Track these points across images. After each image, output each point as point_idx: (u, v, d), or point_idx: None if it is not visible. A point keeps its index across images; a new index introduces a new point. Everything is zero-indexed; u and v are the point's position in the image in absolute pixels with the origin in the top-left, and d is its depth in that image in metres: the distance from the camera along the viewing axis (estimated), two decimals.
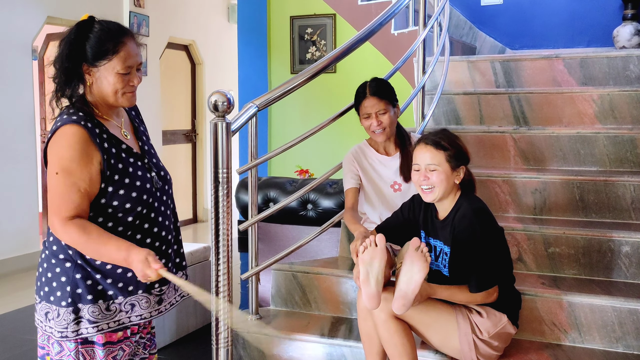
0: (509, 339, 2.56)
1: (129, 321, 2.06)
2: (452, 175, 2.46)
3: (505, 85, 4.22)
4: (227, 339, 2.40)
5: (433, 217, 2.58)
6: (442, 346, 2.53)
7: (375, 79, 2.98)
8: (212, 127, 2.36)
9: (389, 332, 2.42)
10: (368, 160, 3.03)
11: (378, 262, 2.30)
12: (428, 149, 2.46)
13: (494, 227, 2.46)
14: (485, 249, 2.39)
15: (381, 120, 2.89)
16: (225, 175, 2.36)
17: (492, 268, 2.41)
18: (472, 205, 2.44)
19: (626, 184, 3.18)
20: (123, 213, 2.00)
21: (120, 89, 2.01)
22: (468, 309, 2.49)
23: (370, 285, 2.31)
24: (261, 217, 2.99)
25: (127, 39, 2.02)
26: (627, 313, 2.66)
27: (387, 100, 2.91)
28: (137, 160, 2.08)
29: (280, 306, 3.24)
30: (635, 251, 2.91)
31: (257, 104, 2.76)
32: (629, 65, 3.97)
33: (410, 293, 2.27)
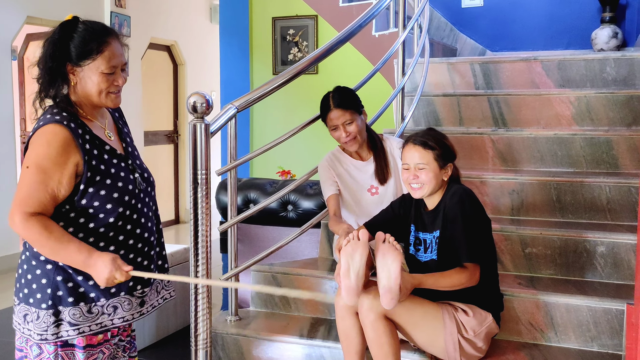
0: (490, 341, 2.58)
1: (111, 324, 2.05)
2: (441, 173, 2.53)
3: (484, 87, 4.25)
4: (207, 340, 2.39)
5: (422, 211, 2.62)
6: (428, 345, 2.54)
7: (337, 89, 2.98)
8: (191, 128, 2.36)
9: (377, 333, 2.43)
10: (343, 166, 3.04)
11: (359, 255, 2.32)
12: (416, 148, 2.52)
13: (482, 209, 2.54)
14: (474, 222, 2.45)
15: (349, 130, 2.90)
16: (204, 176, 2.35)
17: (479, 241, 2.46)
18: (462, 187, 2.54)
19: (602, 185, 3.22)
20: (104, 214, 2.00)
21: (104, 89, 2.01)
22: (454, 308, 2.51)
23: (350, 278, 2.32)
24: (240, 218, 2.99)
25: (112, 39, 2.02)
26: (601, 312, 2.70)
27: (352, 109, 2.90)
28: (120, 161, 2.07)
29: (259, 307, 3.24)
30: (610, 251, 2.95)
31: (236, 105, 2.74)
32: (606, 67, 4.02)
33: (394, 285, 2.28)
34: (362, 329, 2.49)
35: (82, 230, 1.99)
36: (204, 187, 2.35)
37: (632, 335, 2.32)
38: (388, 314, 2.43)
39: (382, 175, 2.97)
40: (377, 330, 2.42)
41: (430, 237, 2.56)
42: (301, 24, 6.11)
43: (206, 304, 2.39)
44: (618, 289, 2.83)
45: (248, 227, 3.93)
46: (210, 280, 2.31)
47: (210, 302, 2.42)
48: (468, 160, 3.70)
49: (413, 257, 2.64)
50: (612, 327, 2.69)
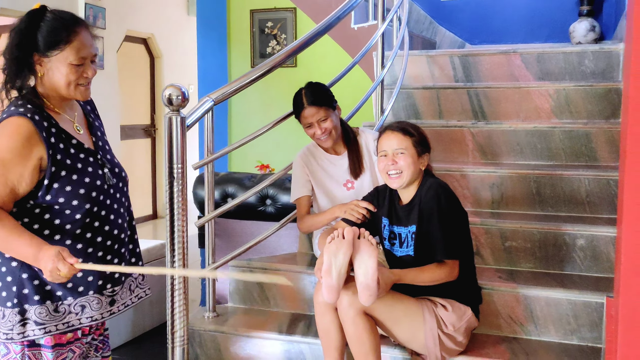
0: (470, 334, 2.57)
1: (79, 323, 2.00)
2: (418, 161, 2.51)
3: (464, 80, 4.24)
4: (184, 337, 2.38)
5: (396, 204, 2.59)
6: (408, 341, 2.52)
7: (309, 85, 2.93)
8: (167, 121, 2.33)
9: (357, 329, 2.41)
10: (318, 162, 3.00)
11: (343, 254, 2.30)
12: (395, 134, 2.52)
13: (458, 202, 2.53)
14: (450, 217, 2.43)
15: (324, 127, 2.86)
16: (180, 170, 2.33)
17: (457, 237, 2.44)
18: (437, 181, 2.52)
19: (581, 178, 3.22)
20: (71, 211, 1.94)
21: (73, 81, 1.96)
22: (434, 303, 2.49)
23: (332, 276, 2.30)
24: (218, 212, 2.96)
25: (81, 29, 1.96)
26: (581, 306, 2.70)
27: (326, 106, 2.86)
28: (88, 156, 2.02)
29: (238, 303, 3.20)
30: (590, 244, 2.95)
31: (213, 97, 2.73)
32: (584, 60, 4.03)
33: (371, 281, 2.26)
34: (342, 326, 2.47)
35: (47, 227, 1.93)
36: (180, 181, 2.33)
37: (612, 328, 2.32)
38: (368, 310, 2.41)
39: (355, 170, 2.94)
40: (357, 326, 2.40)
41: (405, 231, 2.54)
42: (279, 17, 6.07)
43: (183, 300, 2.37)
44: (597, 282, 2.84)
45: (226, 222, 3.90)
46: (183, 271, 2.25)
47: (187, 298, 2.39)
48: (448, 154, 3.69)
49: (389, 252, 2.62)
50: (592, 320, 2.69)
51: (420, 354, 2.55)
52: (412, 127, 2.56)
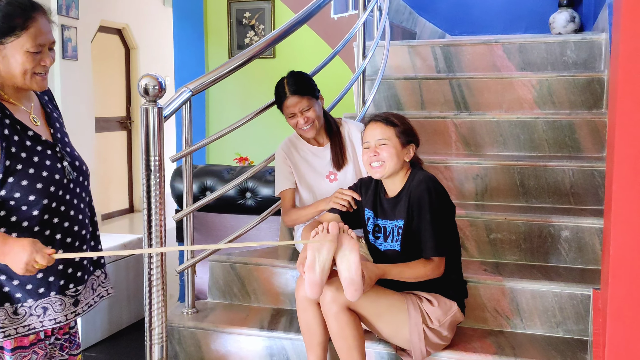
0: (455, 329, 2.54)
1: (41, 326, 1.90)
2: (402, 152, 2.46)
3: (445, 71, 4.20)
4: (162, 334, 2.33)
5: (382, 197, 2.54)
6: (392, 336, 2.48)
7: (292, 74, 2.86)
8: (143, 112, 2.27)
9: (340, 325, 2.36)
10: (300, 154, 2.94)
11: (327, 250, 2.25)
12: (378, 125, 2.47)
13: (448, 197, 2.48)
14: (441, 214, 2.39)
15: (307, 116, 2.80)
16: (157, 162, 2.27)
17: (447, 234, 2.41)
18: (426, 175, 2.47)
19: (565, 169, 3.20)
20: (27, 206, 1.84)
21: (30, 69, 1.86)
22: (419, 297, 2.45)
23: (315, 272, 2.25)
24: (196, 206, 2.89)
25: (38, 15, 1.86)
26: (567, 298, 2.68)
27: (309, 95, 2.80)
28: (46, 148, 1.92)
29: (218, 299, 3.14)
30: (575, 236, 2.93)
31: (190, 88, 2.66)
32: (566, 51, 4.01)
33: (355, 276, 2.21)
34: (325, 321, 2.41)
35: (3, 224, 1.83)
36: (157, 174, 2.27)
37: (599, 321, 2.30)
38: (351, 306, 2.36)
39: (338, 161, 2.89)
40: (340, 322, 2.35)
41: (391, 225, 2.49)
42: (257, 7, 5.99)
43: (161, 296, 2.32)
44: (583, 274, 2.82)
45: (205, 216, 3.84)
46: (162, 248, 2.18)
47: (166, 293, 2.34)
48: (431, 145, 3.65)
49: (372, 246, 2.58)
50: (578, 312, 2.67)
51: (405, 349, 2.51)
52: (397, 117, 2.51)
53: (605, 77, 3.62)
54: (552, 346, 2.59)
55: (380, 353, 2.62)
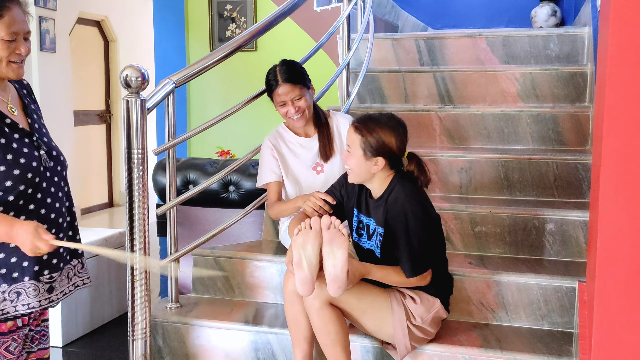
0: (440, 323, 2.54)
1: (14, 310, 1.90)
2: (366, 163, 2.36)
3: (429, 64, 4.20)
4: (145, 329, 2.32)
5: (367, 196, 2.51)
6: (376, 332, 2.47)
7: (284, 62, 2.83)
8: (125, 104, 2.25)
9: (323, 320, 2.34)
10: (287, 145, 2.92)
11: (311, 245, 2.22)
12: (351, 129, 2.41)
13: (428, 213, 2.39)
14: (418, 235, 2.32)
15: (298, 106, 2.78)
16: (140, 156, 2.26)
17: (425, 253, 2.36)
18: (404, 190, 2.36)
19: (549, 162, 3.21)
20: (3, 192, 1.85)
21: (5, 57, 1.87)
22: (402, 294, 2.44)
23: (303, 269, 2.22)
24: (180, 200, 2.87)
25: (12, 4, 1.88)
26: (552, 290, 2.68)
27: (301, 84, 2.78)
28: (23, 136, 1.93)
29: (201, 293, 3.11)
30: (559, 228, 2.94)
31: (174, 80, 2.65)
32: (549, 44, 4.02)
33: (340, 273, 2.19)
34: None
35: None
36: (140, 167, 2.25)
37: (585, 313, 2.30)
38: (334, 301, 2.35)
39: (326, 152, 2.87)
40: (323, 317, 2.34)
41: (373, 224, 2.47)
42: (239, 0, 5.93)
43: (144, 290, 2.31)
44: (567, 267, 2.83)
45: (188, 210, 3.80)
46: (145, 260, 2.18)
47: (149, 288, 2.32)
48: (416, 138, 3.64)
49: (356, 244, 2.57)
50: (562, 305, 2.68)
51: (390, 343, 2.50)
52: (370, 125, 2.36)
53: (588, 71, 3.64)
54: (538, 338, 2.59)
55: (366, 347, 2.61)
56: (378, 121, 2.38)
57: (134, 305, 2.27)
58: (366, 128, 2.36)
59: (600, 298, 1.86)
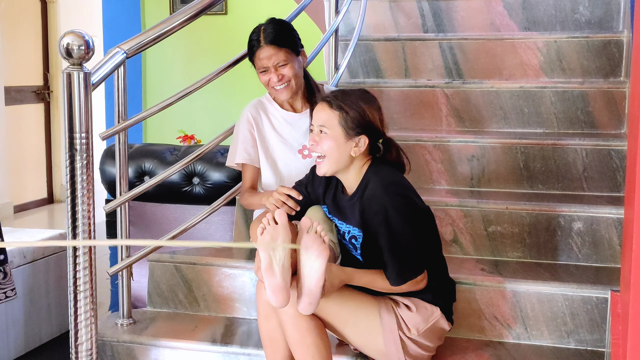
0: (442, 337, 2.55)
1: None
2: (346, 145, 2.38)
3: (434, 30, 4.21)
4: (91, 350, 2.35)
5: (339, 193, 2.52)
6: (364, 346, 2.48)
7: (271, 21, 2.85)
8: (66, 78, 2.26)
9: (299, 332, 2.35)
10: (270, 120, 2.92)
11: (281, 243, 2.22)
12: (323, 106, 2.42)
13: (412, 205, 2.41)
14: (403, 234, 2.34)
15: (282, 73, 2.78)
16: (85, 141, 2.27)
17: (414, 256, 2.37)
18: (382, 181, 2.38)
19: (577, 149, 3.23)
20: None
21: None
22: (394, 301, 2.45)
23: (274, 274, 2.23)
24: (133, 194, 2.87)
25: None
26: (579, 302, 2.71)
27: (289, 48, 2.79)
28: None
29: (159, 307, 3.12)
30: (589, 228, 2.97)
31: (125, 49, 2.65)
32: (579, 7, 4.04)
33: (315, 288, 2.21)
34: None
35: None
36: (84, 154, 2.27)
37: (618, 329, 2.33)
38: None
39: None
40: (299, 328, 2.35)
41: (349, 228, 2.48)
42: None
43: (90, 304, 2.33)
44: (598, 273, 2.86)
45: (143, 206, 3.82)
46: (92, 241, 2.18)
47: (96, 301, 2.33)
48: (417, 120, 3.66)
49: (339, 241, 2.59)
50: (592, 319, 2.70)
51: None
52: (349, 98, 2.40)
53: (624, 39, 3.66)
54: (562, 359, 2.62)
55: None
56: (354, 94, 2.43)
57: (77, 321, 2.28)
58: (344, 102, 2.38)
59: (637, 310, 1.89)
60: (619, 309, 2.44)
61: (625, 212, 2.49)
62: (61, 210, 7.81)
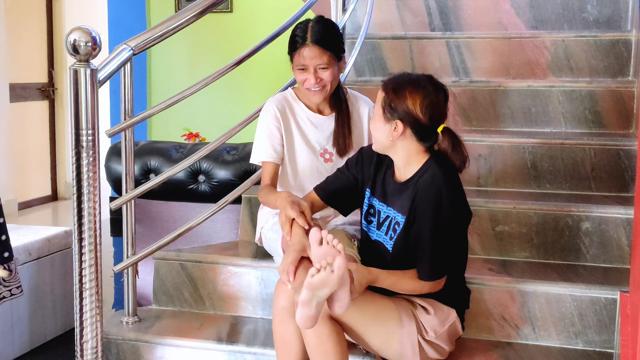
0: (454, 341, 2.55)
1: None
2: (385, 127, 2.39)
3: (442, 29, 4.21)
4: (96, 348, 2.34)
5: (387, 177, 2.52)
6: (381, 349, 2.47)
7: (321, 20, 2.80)
8: (72, 74, 2.25)
9: (320, 337, 2.33)
10: (296, 118, 2.89)
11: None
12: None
13: (463, 205, 2.43)
14: (446, 229, 2.35)
15: (321, 77, 2.73)
16: (91, 138, 2.27)
17: (450, 254, 2.39)
18: (444, 173, 2.37)
19: (585, 148, 3.23)
20: None
21: None
22: (412, 304, 2.45)
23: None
24: (139, 192, 2.87)
25: None
26: (588, 303, 2.70)
27: (333, 52, 2.73)
28: None
29: (164, 305, 3.12)
30: (597, 228, 2.96)
31: (131, 45, 2.64)
32: (587, 6, 4.04)
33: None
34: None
35: None
36: (90, 151, 2.27)
37: (628, 330, 2.31)
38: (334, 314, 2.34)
39: (343, 144, 2.84)
40: (321, 334, 2.33)
41: (387, 212, 2.48)
42: None
43: (95, 302, 2.33)
44: (606, 274, 2.85)
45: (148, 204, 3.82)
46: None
47: (101, 298, 2.32)
48: None
49: (364, 233, 2.59)
50: (601, 320, 2.69)
51: None
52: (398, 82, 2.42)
53: (632, 38, 3.65)
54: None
55: None
56: (409, 79, 2.43)
57: (82, 319, 2.28)
58: (391, 83, 2.41)
59: None
60: (628, 309, 2.42)
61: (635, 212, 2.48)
62: (65, 207, 7.83)
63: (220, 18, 5.80)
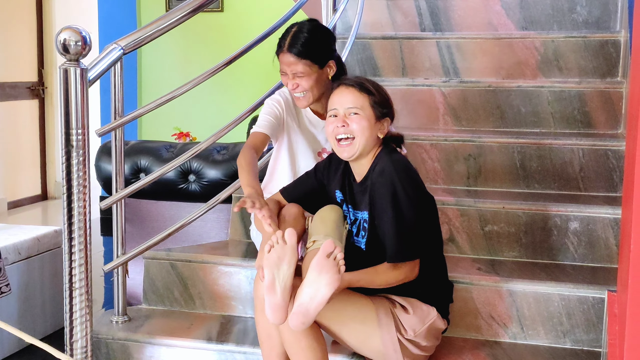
0: (439, 336, 2.56)
1: None
2: (376, 127, 2.45)
3: (432, 29, 4.22)
4: (86, 347, 2.35)
5: (351, 181, 2.55)
6: (361, 348, 2.49)
7: (303, 26, 2.78)
8: (62, 74, 2.26)
9: (294, 335, 2.35)
10: (297, 117, 2.91)
11: (288, 264, 2.23)
12: (350, 90, 2.45)
13: (419, 189, 2.46)
14: (408, 210, 2.37)
15: (298, 83, 2.74)
16: (81, 137, 2.28)
17: (415, 236, 2.40)
18: (393, 162, 2.43)
19: (574, 149, 3.24)
20: None
21: None
22: (391, 302, 2.46)
23: (276, 292, 2.23)
24: (129, 191, 2.87)
25: None
26: (576, 302, 2.72)
27: (310, 60, 2.72)
28: None
29: (154, 304, 3.12)
30: (585, 228, 2.97)
31: (122, 45, 2.65)
32: (576, 7, 4.05)
33: (313, 311, 2.22)
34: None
35: None
36: (80, 151, 2.28)
37: (615, 329, 2.33)
38: None
39: None
40: (294, 331, 2.34)
41: (357, 215, 2.51)
42: None
43: (85, 301, 2.33)
44: (594, 273, 2.87)
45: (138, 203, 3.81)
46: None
47: (91, 298, 2.33)
48: (414, 119, 3.67)
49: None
50: (588, 319, 2.71)
51: None
52: (373, 84, 2.51)
53: (621, 39, 3.67)
54: (559, 359, 2.63)
55: None
56: (368, 80, 2.54)
57: (72, 318, 2.29)
58: (370, 85, 2.48)
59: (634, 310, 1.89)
60: (615, 309, 2.44)
61: (623, 212, 2.50)
62: (55, 207, 7.80)
63: (211, 17, 5.80)
